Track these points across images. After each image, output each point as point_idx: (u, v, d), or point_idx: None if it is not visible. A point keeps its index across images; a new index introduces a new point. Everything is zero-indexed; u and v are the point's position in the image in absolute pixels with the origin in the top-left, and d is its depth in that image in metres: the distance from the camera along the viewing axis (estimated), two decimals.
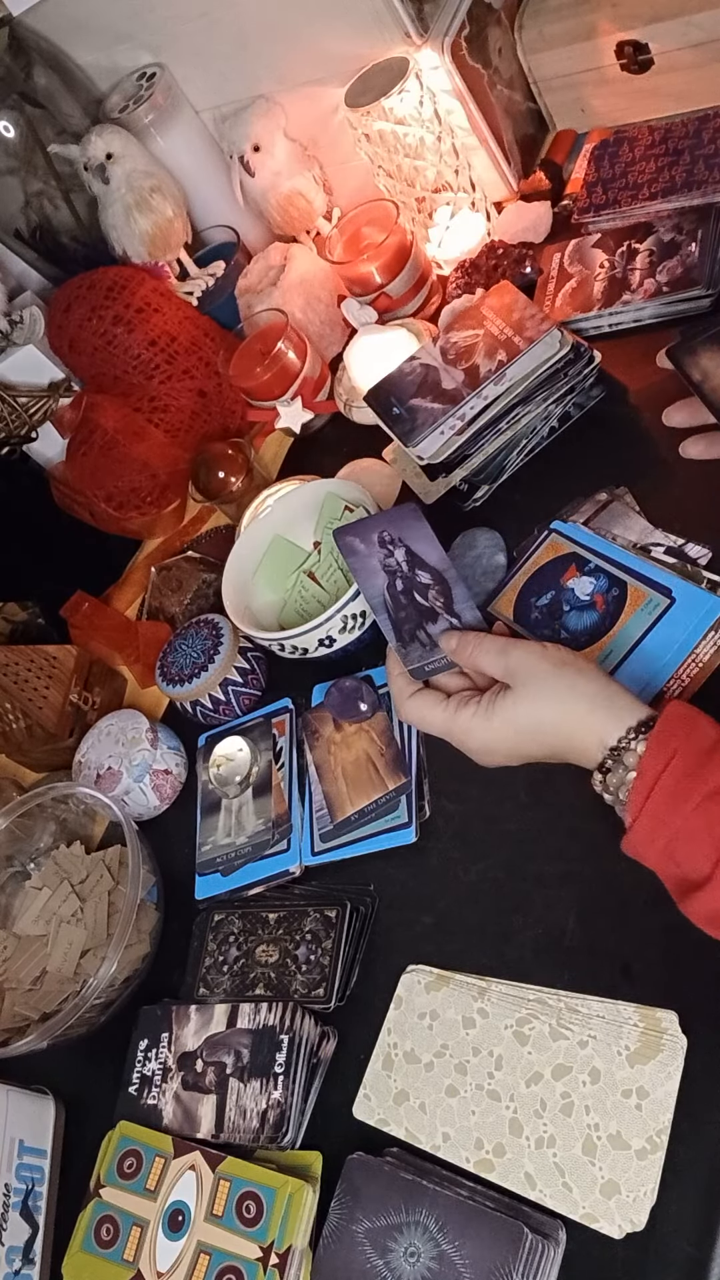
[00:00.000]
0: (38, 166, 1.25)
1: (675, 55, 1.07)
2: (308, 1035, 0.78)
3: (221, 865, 0.93)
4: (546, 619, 0.84)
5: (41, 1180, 0.84)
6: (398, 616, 0.74)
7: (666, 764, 0.60)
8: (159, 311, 1.20)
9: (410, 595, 0.75)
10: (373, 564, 0.76)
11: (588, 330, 1.01)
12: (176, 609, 1.13)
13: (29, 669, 1.09)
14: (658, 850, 0.60)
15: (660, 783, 0.60)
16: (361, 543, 0.76)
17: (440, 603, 0.74)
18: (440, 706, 0.70)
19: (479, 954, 0.77)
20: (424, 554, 0.75)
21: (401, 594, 0.75)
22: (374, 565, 0.76)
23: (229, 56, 1.21)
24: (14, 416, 1.23)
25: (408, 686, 0.73)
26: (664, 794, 0.59)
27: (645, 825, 0.60)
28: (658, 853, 0.60)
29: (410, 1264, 0.66)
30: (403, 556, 0.75)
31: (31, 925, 0.95)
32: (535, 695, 0.66)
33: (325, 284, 1.25)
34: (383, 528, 0.76)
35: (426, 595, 0.74)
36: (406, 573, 0.75)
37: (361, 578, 0.76)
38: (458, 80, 1.10)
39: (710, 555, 0.82)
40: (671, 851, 0.59)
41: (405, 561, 0.75)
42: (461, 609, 0.74)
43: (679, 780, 0.59)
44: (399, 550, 0.76)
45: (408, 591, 0.75)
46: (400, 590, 0.75)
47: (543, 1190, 0.66)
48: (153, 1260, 0.74)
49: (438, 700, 0.71)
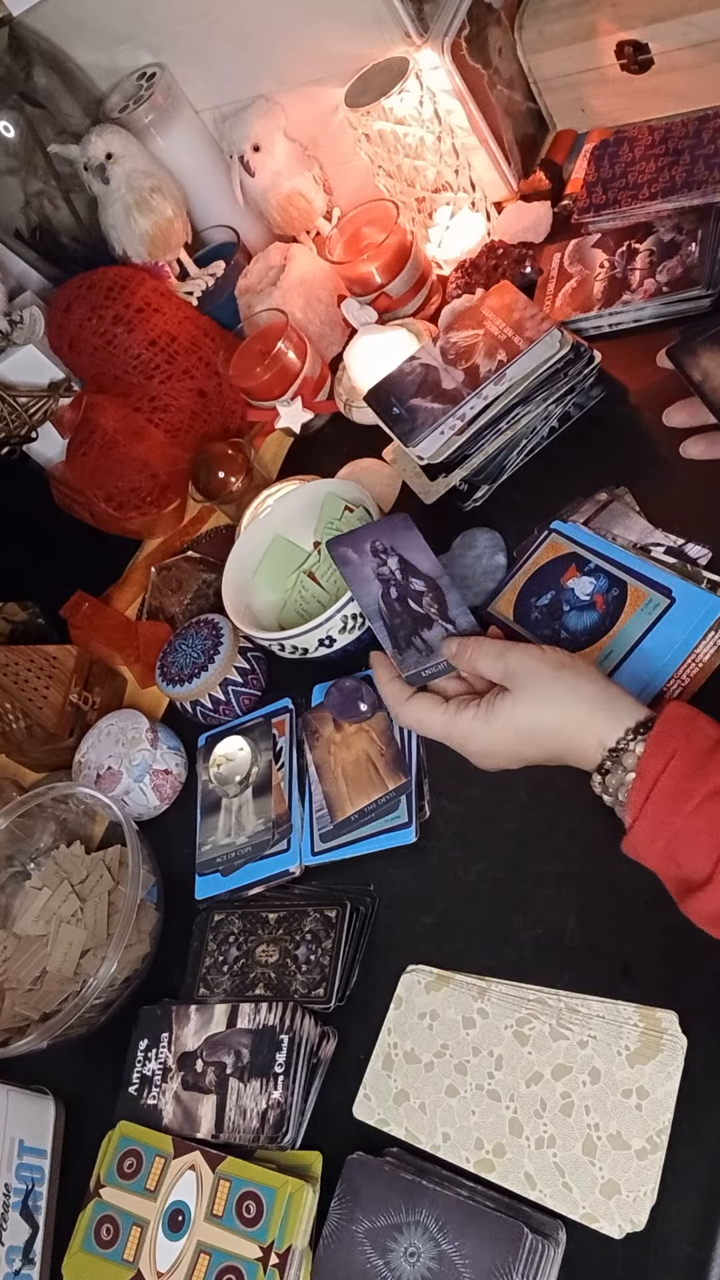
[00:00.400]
0: (38, 166, 1.25)
1: (675, 55, 1.07)
2: (308, 1035, 0.78)
3: (221, 865, 0.93)
4: (546, 619, 0.84)
5: (41, 1180, 0.84)
6: (393, 623, 0.75)
7: (666, 764, 0.60)
8: (159, 311, 1.20)
9: (405, 602, 0.75)
10: (366, 573, 0.76)
11: (588, 330, 1.01)
12: (176, 609, 1.13)
13: (29, 669, 1.09)
14: (658, 851, 0.60)
15: (660, 783, 0.60)
16: (354, 552, 0.77)
17: (434, 609, 0.74)
18: (439, 710, 0.70)
19: (479, 954, 0.77)
20: (416, 562, 0.76)
21: (396, 601, 0.75)
22: (367, 574, 0.76)
23: (229, 56, 1.21)
24: (14, 416, 1.23)
25: (403, 691, 0.73)
26: (664, 794, 0.59)
27: (645, 826, 0.60)
28: (658, 853, 0.60)
29: (410, 1264, 0.66)
30: (395, 565, 0.76)
31: (31, 925, 0.96)
32: (534, 698, 0.66)
33: (325, 284, 1.25)
34: (375, 537, 0.77)
35: (420, 602, 0.75)
36: (400, 580, 0.75)
37: (356, 586, 0.76)
38: (458, 80, 1.10)
39: (710, 555, 0.82)
40: (672, 852, 0.59)
41: (398, 570, 0.76)
42: (456, 614, 0.74)
43: (679, 780, 0.59)
44: (391, 559, 0.76)
45: (402, 599, 0.75)
46: (395, 598, 0.75)
47: (543, 1190, 0.66)
48: (153, 1260, 0.74)
49: (436, 704, 0.71)
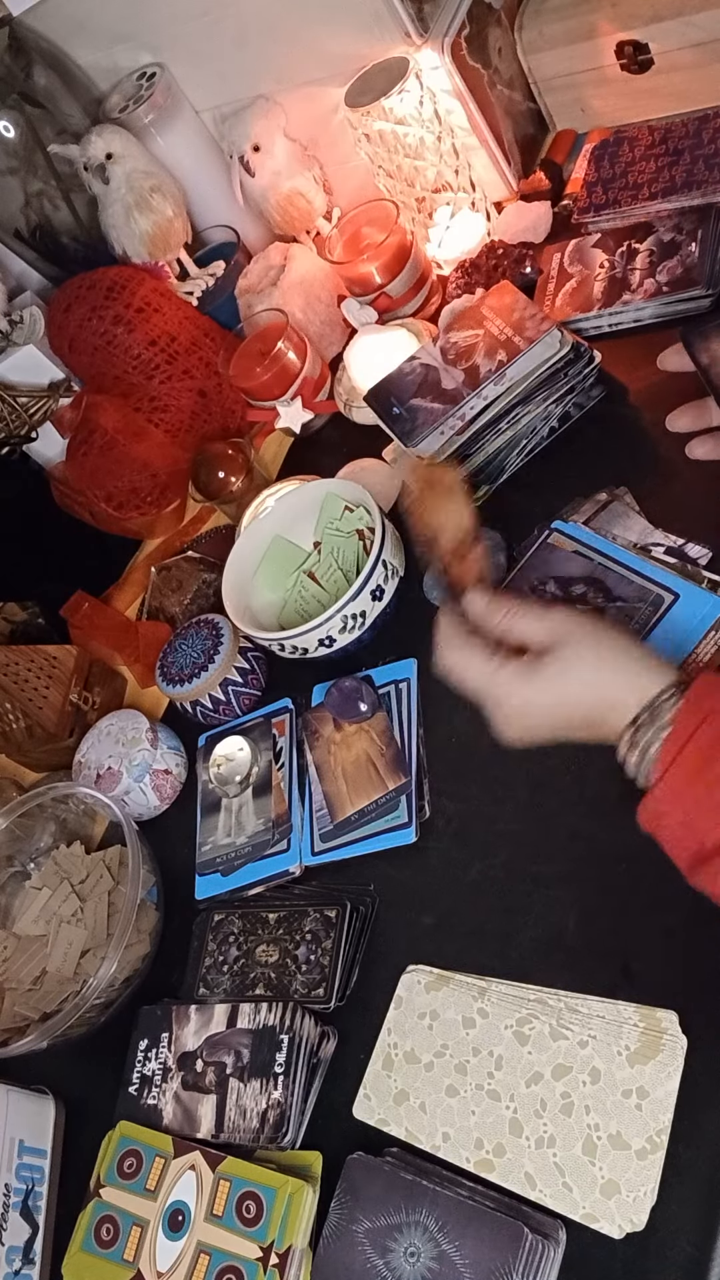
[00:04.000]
0: (38, 166, 1.25)
1: (675, 55, 1.07)
2: (308, 1035, 0.78)
3: (221, 865, 0.93)
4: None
5: (41, 1180, 0.84)
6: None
7: (700, 723, 0.59)
8: (159, 311, 1.20)
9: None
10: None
11: (588, 330, 1.01)
12: (176, 609, 1.13)
13: (29, 669, 1.09)
14: (679, 813, 0.58)
15: (692, 741, 0.58)
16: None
17: (599, 599, 0.79)
18: (484, 660, 0.67)
19: (479, 954, 0.77)
20: (567, 574, 0.83)
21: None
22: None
23: (229, 56, 1.20)
24: (14, 416, 1.23)
25: (455, 635, 0.70)
26: (694, 754, 0.58)
27: (670, 786, 0.59)
28: (678, 817, 0.58)
29: (410, 1264, 0.66)
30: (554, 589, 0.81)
31: (31, 925, 0.96)
32: (578, 654, 0.64)
33: (325, 284, 1.25)
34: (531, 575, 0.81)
35: (585, 602, 0.79)
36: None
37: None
38: (458, 80, 1.10)
39: (710, 555, 0.82)
40: (691, 819, 0.58)
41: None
42: (622, 590, 0.77)
43: (711, 744, 0.58)
44: (548, 584, 0.84)
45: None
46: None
47: (543, 1190, 0.66)
48: (153, 1260, 0.74)
49: (483, 654, 0.67)
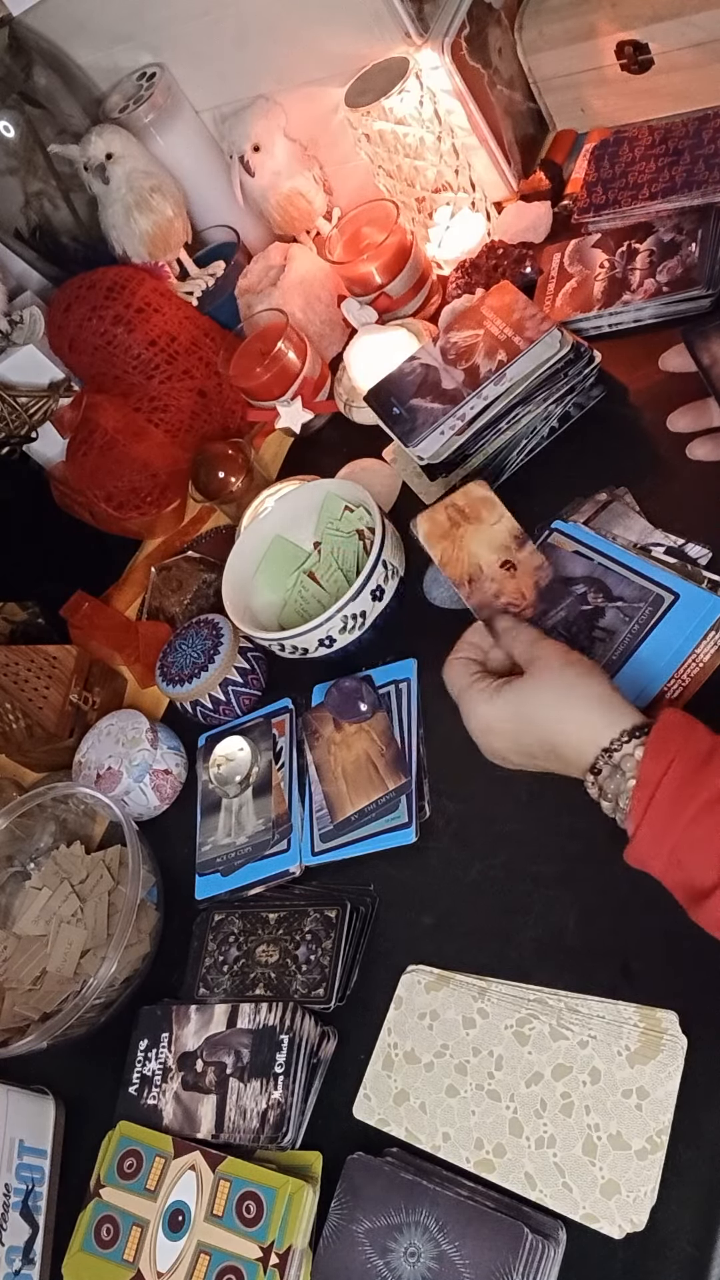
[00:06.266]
0: (38, 166, 1.25)
1: (675, 55, 1.06)
2: (308, 1035, 0.78)
3: (221, 865, 0.93)
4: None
5: (41, 1180, 0.84)
6: (573, 635, 0.83)
7: (666, 769, 0.60)
8: (159, 311, 1.20)
9: (575, 613, 0.83)
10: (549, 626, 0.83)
11: (588, 330, 1.01)
12: (176, 609, 1.13)
13: (29, 669, 1.09)
14: (663, 858, 0.60)
15: (661, 788, 0.60)
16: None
17: (600, 599, 0.83)
18: (466, 674, 0.73)
19: (479, 954, 0.77)
20: (569, 573, 0.84)
21: (571, 623, 0.84)
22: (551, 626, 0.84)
23: (229, 56, 1.20)
24: (14, 416, 1.23)
25: (462, 645, 0.77)
26: (666, 800, 0.60)
27: (649, 832, 0.60)
28: (663, 860, 0.60)
29: (410, 1264, 0.66)
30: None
31: (31, 925, 0.95)
32: (540, 685, 0.68)
33: (325, 284, 1.25)
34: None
35: (585, 600, 0.83)
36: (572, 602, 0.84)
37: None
38: (458, 80, 1.10)
39: (710, 555, 0.82)
40: (678, 859, 0.59)
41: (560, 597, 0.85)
42: (621, 590, 0.80)
43: (680, 786, 0.59)
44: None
45: (571, 616, 0.84)
46: (563, 619, 0.84)
47: (543, 1190, 0.66)
48: (153, 1260, 0.74)
49: (471, 669, 0.74)
